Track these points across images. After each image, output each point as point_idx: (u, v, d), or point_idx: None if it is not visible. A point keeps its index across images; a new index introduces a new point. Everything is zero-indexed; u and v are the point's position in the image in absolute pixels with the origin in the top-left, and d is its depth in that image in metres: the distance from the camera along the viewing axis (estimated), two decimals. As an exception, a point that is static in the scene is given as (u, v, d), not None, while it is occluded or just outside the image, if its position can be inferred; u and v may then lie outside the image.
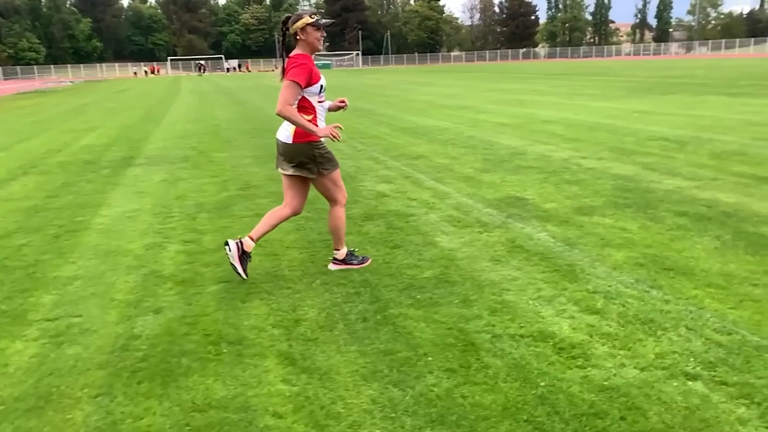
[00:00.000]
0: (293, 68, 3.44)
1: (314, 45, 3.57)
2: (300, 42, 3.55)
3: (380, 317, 3.22)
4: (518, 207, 5.39)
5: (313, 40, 3.54)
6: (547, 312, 3.20)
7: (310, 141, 3.61)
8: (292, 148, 3.66)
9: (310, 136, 3.56)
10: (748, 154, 7.31)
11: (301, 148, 3.62)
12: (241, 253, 3.75)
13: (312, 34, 3.53)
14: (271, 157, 8.81)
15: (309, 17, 3.52)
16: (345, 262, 3.98)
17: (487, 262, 4.02)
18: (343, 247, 3.98)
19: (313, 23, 3.51)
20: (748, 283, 3.43)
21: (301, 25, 3.50)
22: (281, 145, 3.74)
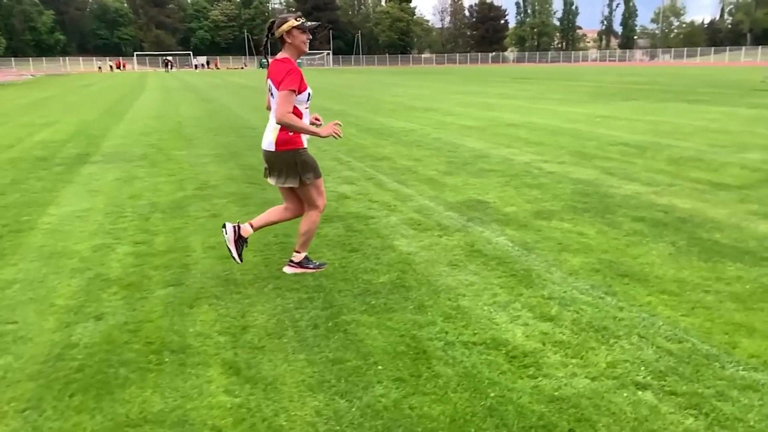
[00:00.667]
0: (287, 77, 3.38)
1: (300, 48, 3.52)
2: (286, 45, 3.51)
3: (332, 324, 3.13)
4: (479, 210, 5.36)
5: (299, 43, 3.50)
6: (501, 318, 3.16)
7: (295, 149, 3.55)
8: (274, 156, 3.59)
9: (294, 143, 3.52)
10: (705, 160, 7.45)
11: (283, 155, 3.56)
12: (237, 237, 3.71)
13: (298, 37, 3.49)
14: (231, 155, 8.66)
15: (294, 20, 3.47)
16: (301, 265, 3.88)
17: (444, 266, 3.96)
18: (304, 252, 3.89)
19: (298, 26, 3.47)
20: (701, 289, 3.45)
21: (287, 28, 3.46)
22: (264, 153, 3.66)
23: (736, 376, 2.51)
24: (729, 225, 4.68)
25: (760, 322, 3.00)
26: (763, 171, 6.71)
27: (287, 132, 3.50)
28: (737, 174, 6.60)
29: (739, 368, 2.57)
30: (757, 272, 3.67)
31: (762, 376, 2.50)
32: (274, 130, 3.52)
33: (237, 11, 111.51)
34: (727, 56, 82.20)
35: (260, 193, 6.17)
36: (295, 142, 3.54)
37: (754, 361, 2.63)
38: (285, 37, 3.48)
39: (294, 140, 3.54)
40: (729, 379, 2.49)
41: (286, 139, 3.51)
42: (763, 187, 5.92)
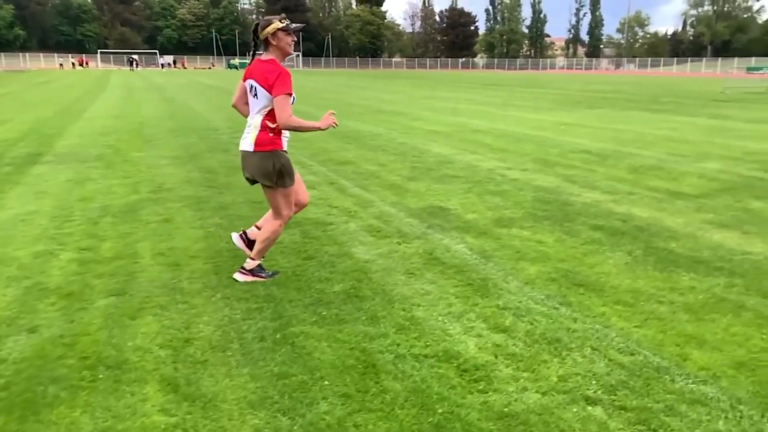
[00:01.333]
0: (279, 80, 3.35)
1: (285, 50, 3.49)
2: (271, 47, 3.47)
3: (279, 336, 3.01)
4: (440, 217, 5.31)
5: (284, 45, 3.47)
6: (455, 329, 3.09)
7: (274, 150, 3.49)
8: (253, 157, 3.50)
9: (272, 145, 3.48)
10: (665, 168, 7.56)
11: (263, 157, 3.49)
12: (248, 243, 3.82)
13: (283, 39, 3.45)
14: (191, 157, 8.44)
15: (279, 22, 3.43)
16: (253, 273, 3.75)
17: (401, 275, 3.88)
18: (259, 260, 3.77)
19: (283, 28, 3.43)
20: (655, 300, 3.44)
21: (272, 30, 3.41)
22: (243, 154, 3.58)
23: (685, 390, 2.49)
24: (685, 234, 4.72)
25: (710, 333, 3.00)
26: (720, 180, 6.83)
27: (267, 133, 3.45)
28: (695, 183, 6.70)
29: (689, 381, 2.55)
30: (709, 282, 3.69)
31: (710, 389, 2.49)
32: (254, 130, 3.47)
33: (205, 10, 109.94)
34: (689, 67, 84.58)
35: (217, 197, 6.01)
36: (275, 143, 3.49)
37: (703, 373, 2.61)
38: (270, 39, 3.44)
39: (274, 141, 3.48)
40: (678, 393, 2.46)
41: (266, 140, 3.46)
42: (719, 197, 6.02)
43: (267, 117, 3.45)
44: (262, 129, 3.45)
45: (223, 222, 5.10)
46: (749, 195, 6.08)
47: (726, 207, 5.59)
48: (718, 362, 2.71)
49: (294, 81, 3.45)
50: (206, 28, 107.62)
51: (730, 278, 3.75)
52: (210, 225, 5.01)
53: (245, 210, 5.51)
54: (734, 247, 4.37)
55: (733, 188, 6.40)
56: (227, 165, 7.82)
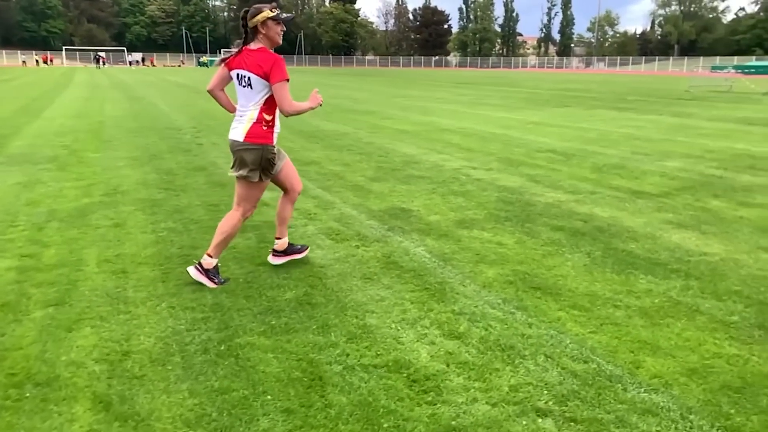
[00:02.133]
0: (275, 68, 3.33)
1: (274, 39, 3.44)
2: (260, 36, 3.41)
3: (224, 348, 2.88)
4: (402, 219, 5.22)
5: (274, 34, 3.42)
6: (407, 337, 3.00)
7: (264, 144, 3.49)
8: (243, 147, 3.49)
9: (264, 139, 3.47)
10: (627, 167, 7.60)
11: (252, 149, 3.48)
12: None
13: (272, 29, 3.40)
14: (150, 158, 8.21)
15: (269, 11, 3.38)
16: (208, 274, 3.62)
17: (357, 280, 3.78)
18: (216, 259, 3.66)
19: (273, 17, 3.38)
20: (611, 304, 3.40)
21: (261, 19, 3.36)
22: (232, 144, 3.55)
23: (637, 399, 2.43)
24: (644, 234, 4.71)
25: (664, 339, 2.96)
26: (680, 179, 6.88)
27: (261, 127, 3.44)
28: (656, 182, 6.74)
29: (640, 390, 2.50)
30: (666, 285, 3.66)
31: (662, 398, 2.44)
32: (248, 121, 3.45)
33: (175, 7, 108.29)
34: (657, 65, 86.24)
35: (172, 199, 5.82)
36: (266, 137, 3.48)
37: (655, 381, 2.57)
38: (259, 28, 3.38)
39: (266, 135, 3.47)
40: (630, 403, 2.41)
41: (259, 134, 3.44)
42: (679, 195, 6.05)
43: (264, 108, 3.44)
44: (258, 121, 3.44)
45: (176, 226, 4.93)
46: (708, 194, 6.13)
47: (685, 206, 5.61)
48: (671, 369, 2.67)
49: None
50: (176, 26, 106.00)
51: (686, 281, 3.73)
52: (162, 229, 4.84)
53: (201, 213, 5.34)
54: (692, 248, 4.37)
55: (693, 187, 6.45)
56: (187, 166, 7.62)
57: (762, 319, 3.18)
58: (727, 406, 2.38)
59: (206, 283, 3.61)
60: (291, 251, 4.01)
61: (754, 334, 3.00)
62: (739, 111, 16.27)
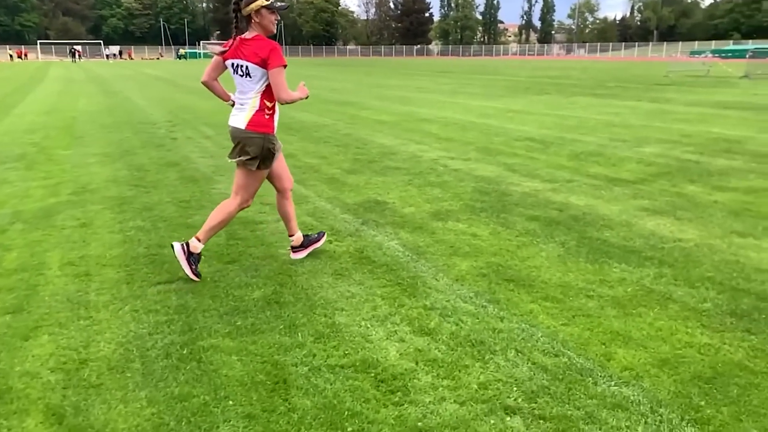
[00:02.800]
0: (272, 54, 3.32)
1: (268, 28, 3.41)
2: (254, 24, 3.38)
3: (187, 351, 2.79)
4: (376, 212, 5.14)
5: (268, 23, 3.39)
6: (377, 335, 2.93)
7: (266, 133, 3.48)
8: (244, 134, 3.47)
9: (265, 128, 3.46)
10: (605, 154, 7.58)
11: (254, 137, 3.46)
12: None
13: (267, 17, 3.37)
14: (122, 154, 8.03)
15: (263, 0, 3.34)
16: (189, 259, 3.57)
17: (328, 276, 3.70)
18: (203, 243, 3.63)
19: (268, 6, 3.35)
20: (584, 294, 3.36)
21: (256, 7, 3.32)
22: (233, 130, 3.55)
23: (607, 393, 2.39)
24: (619, 222, 4.68)
25: (636, 329, 2.92)
26: (657, 165, 6.88)
27: (263, 115, 3.43)
28: (633, 168, 6.72)
29: (611, 384, 2.45)
30: (639, 273, 3.63)
31: (632, 391, 2.39)
32: (250, 109, 3.43)
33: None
34: (636, 51, 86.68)
35: (143, 196, 5.68)
36: (268, 126, 3.47)
37: (626, 374, 2.52)
38: (253, 16, 3.35)
39: (267, 124, 3.46)
40: (600, 397, 2.36)
41: (261, 122, 3.43)
42: (655, 182, 6.04)
43: (265, 96, 3.42)
44: (260, 109, 3.42)
45: (145, 224, 4.81)
46: (684, 179, 6.12)
47: (661, 192, 5.60)
48: (642, 360, 2.63)
49: None
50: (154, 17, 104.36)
51: (659, 268, 3.70)
52: (130, 228, 4.71)
53: (171, 210, 5.22)
54: (666, 235, 4.35)
55: (669, 172, 6.45)
56: (159, 161, 7.46)
57: (734, 305, 3.16)
58: (697, 397, 2.34)
59: (184, 266, 3.56)
60: (308, 242, 4.01)
61: (726, 322, 2.98)
62: (716, 95, 16.37)
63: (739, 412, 2.24)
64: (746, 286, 3.40)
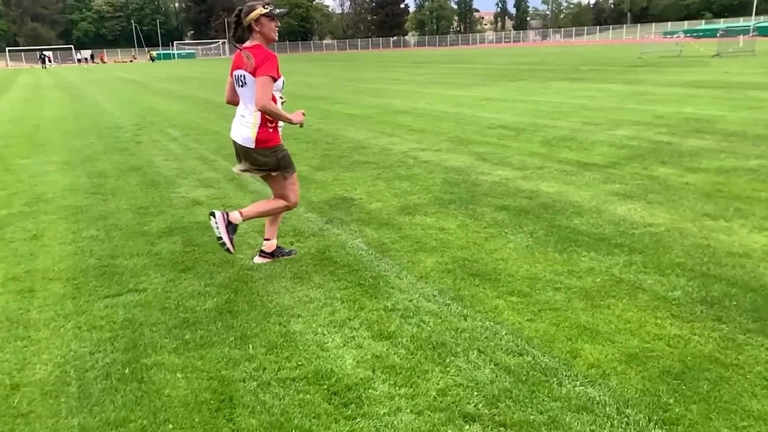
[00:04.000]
0: (264, 63, 3.28)
1: (270, 36, 3.40)
2: (255, 34, 3.38)
3: (128, 371, 2.60)
4: (342, 209, 4.97)
5: (269, 31, 3.38)
6: (333, 342, 2.76)
7: (275, 146, 3.49)
8: (254, 153, 3.48)
9: (273, 141, 3.46)
10: (577, 139, 7.48)
11: (264, 153, 3.48)
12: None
13: (267, 25, 3.36)
14: (83, 161, 7.76)
15: (262, 8, 3.34)
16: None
17: (287, 281, 3.52)
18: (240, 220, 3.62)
19: (267, 14, 3.34)
20: (551, 287, 3.22)
21: (255, 16, 3.32)
22: (242, 148, 3.54)
23: (572, 395, 2.25)
24: (589, 209, 4.56)
25: (604, 322, 2.79)
26: (629, 148, 6.78)
27: (267, 129, 3.42)
28: (605, 152, 6.62)
29: (576, 384, 2.32)
30: (608, 262, 3.51)
31: (598, 392, 2.26)
32: (253, 126, 3.41)
33: (123, 1, 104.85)
34: (611, 34, 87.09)
35: (100, 204, 5.45)
36: (274, 139, 3.48)
37: (592, 372, 2.39)
38: (253, 26, 3.35)
39: (273, 137, 3.47)
40: (564, 400, 2.22)
41: (267, 138, 3.43)
42: (626, 165, 5.94)
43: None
44: (262, 124, 3.41)
45: (98, 234, 4.59)
46: (656, 161, 6.03)
47: (633, 175, 5.49)
48: (609, 356, 2.50)
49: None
50: (125, 19, 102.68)
51: (629, 255, 3.58)
52: (83, 239, 4.49)
53: (128, 217, 5.00)
54: (637, 220, 4.23)
55: (641, 155, 6.35)
56: (121, 167, 7.21)
57: (704, 292, 3.04)
58: (666, 395, 2.21)
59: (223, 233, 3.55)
60: (278, 254, 3.89)
61: (696, 311, 2.86)
62: (689, 75, 16.39)
63: (709, 409, 2.12)
64: (717, 271, 3.29)
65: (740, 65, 19.09)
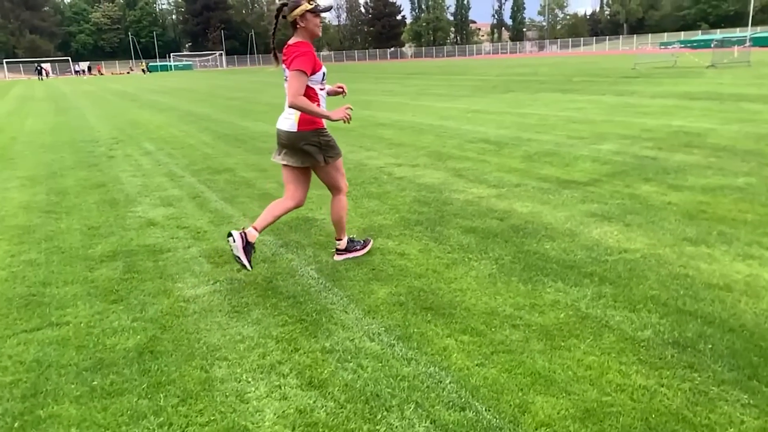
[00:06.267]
0: (297, 57, 3.31)
1: (314, 32, 3.45)
2: (299, 29, 3.42)
3: (18, 425, 2.29)
4: (302, 231, 4.67)
5: (313, 26, 3.43)
6: (256, 392, 2.45)
7: (317, 128, 3.50)
8: (297, 135, 3.49)
9: (316, 123, 3.48)
10: (559, 154, 7.19)
11: (306, 135, 3.49)
12: (245, 244, 3.54)
13: (311, 21, 3.41)
14: (48, 176, 7.47)
15: (307, 3, 3.37)
16: (348, 250, 3.89)
17: (223, 315, 3.21)
18: (345, 236, 3.87)
19: (312, 9, 3.38)
20: (510, 323, 2.91)
21: (300, 12, 3.36)
22: (284, 134, 3.55)
23: (512, 463, 1.93)
24: (562, 232, 4.25)
25: (562, 368, 2.48)
26: (612, 163, 6.49)
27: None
28: (587, 168, 6.33)
29: (519, 448, 2.00)
30: (575, 294, 3.19)
31: (542, 460, 1.94)
32: (295, 112, 3.44)
33: (121, 13, 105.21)
34: (607, 45, 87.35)
35: (50, 224, 5.14)
36: (317, 122, 3.49)
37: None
38: (298, 21, 3.38)
39: (315, 120, 3.47)
40: (502, 469, 1.91)
41: (309, 119, 3.45)
42: (608, 182, 5.64)
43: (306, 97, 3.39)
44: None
45: (38, 257, 4.28)
46: (639, 178, 5.73)
47: (613, 194, 5.20)
48: (562, 412, 2.18)
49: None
50: (123, 32, 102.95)
51: (599, 287, 3.27)
52: (20, 263, 4.19)
53: (75, 239, 4.69)
54: (612, 245, 3.93)
55: (625, 171, 6.06)
56: (85, 183, 6.91)
57: (677, 332, 2.73)
58: (620, 464, 1.90)
59: (355, 255, 3.88)
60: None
61: (666, 355, 2.54)
62: (682, 86, 16.16)
63: (668, 485, 1.80)
64: (693, 307, 2.98)
65: (735, 76, 18.88)
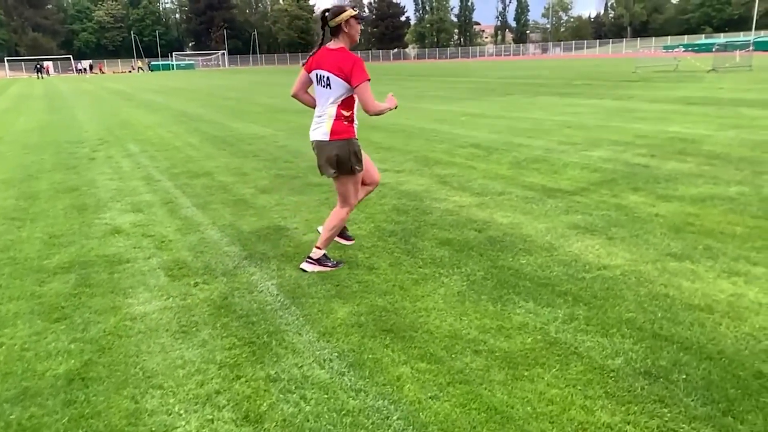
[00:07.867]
0: (356, 69, 3.38)
1: (354, 38, 3.52)
2: (342, 34, 3.48)
3: None
4: (270, 241, 4.45)
5: (355, 33, 3.50)
6: (186, 427, 2.24)
7: (349, 138, 3.56)
8: (329, 145, 3.54)
9: (348, 133, 3.54)
10: (549, 160, 6.96)
11: (339, 144, 3.53)
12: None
13: (354, 27, 3.48)
14: (23, 180, 7.27)
15: (352, 9, 3.46)
16: (320, 262, 3.76)
17: (168, 336, 3.00)
18: (324, 249, 3.79)
19: (356, 15, 3.46)
20: (472, 349, 2.69)
21: (346, 17, 3.43)
22: (318, 144, 3.61)
23: None
24: (541, 245, 4.03)
25: (521, 402, 2.26)
26: (602, 171, 6.26)
27: (342, 122, 3.50)
28: (575, 176, 6.10)
29: (460, 503, 1.78)
30: (546, 316, 2.97)
31: None
32: (328, 119, 3.51)
33: (124, 11, 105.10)
34: (611, 48, 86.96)
35: (11, 232, 4.93)
36: (349, 131, 3.55)
37: (485, 485, 1.85)
38: (342, 26, 3.44)
39: (348, 130, 3.54)
40: None
41: (341, 129, 3.51)
42: (595, 192, 5.41)
43: (342, 106, 3.49)
44: (337, 118, 3.49)
45: None
46: (627, 187, 5.50)
47: (599, 204, 4.97)
48: (513, 458, 1.96)
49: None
50: (126, 30, 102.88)
51: (572, 308, 3.05)
52: (-32, 274, 3.97)
53: (33, 249, 4.48)
54: (591, 261, 3.70)
55: (613, 179, 5.83)
56: (58, 187, 6.71)
57: (650, 360, 2.51)
58: None
59: (324, 270, 3.72)
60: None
61: (636, 387, 2.32)
62: (681, 90, 15.91)
63: None
64: (670, 331, 2.75)
65: (735, 81, 18.62)
